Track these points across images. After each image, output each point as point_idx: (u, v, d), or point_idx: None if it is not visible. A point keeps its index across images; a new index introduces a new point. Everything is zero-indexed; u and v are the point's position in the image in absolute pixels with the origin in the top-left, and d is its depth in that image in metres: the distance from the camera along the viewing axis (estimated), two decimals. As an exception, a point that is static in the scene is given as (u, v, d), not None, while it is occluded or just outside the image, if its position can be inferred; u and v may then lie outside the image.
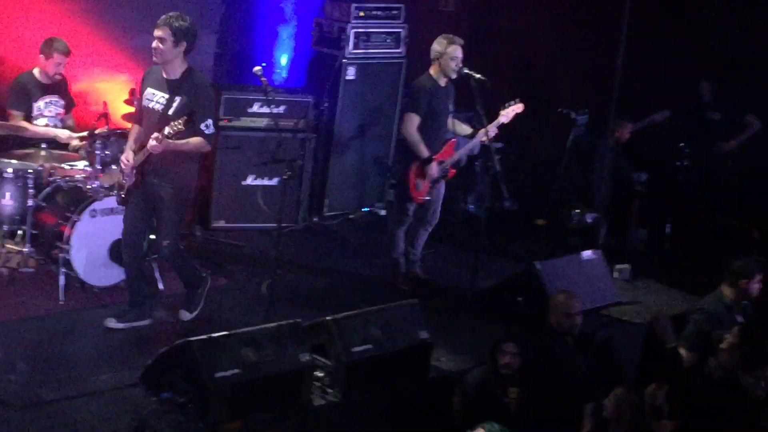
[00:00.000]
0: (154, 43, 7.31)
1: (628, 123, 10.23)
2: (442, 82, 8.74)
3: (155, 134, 7.12)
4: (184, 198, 7.60)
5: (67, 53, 8.72)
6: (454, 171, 9.02)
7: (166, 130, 7.09)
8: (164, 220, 7.57)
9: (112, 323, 7.66)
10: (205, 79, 7.82)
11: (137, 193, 7.53)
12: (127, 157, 7.45)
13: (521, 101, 8.86)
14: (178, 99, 7.30)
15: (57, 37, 8.73)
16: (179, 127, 7.07)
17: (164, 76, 7.39)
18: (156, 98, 7.39)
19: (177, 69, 7.38)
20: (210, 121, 7.40)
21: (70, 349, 7.44)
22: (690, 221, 10.36)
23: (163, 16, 7.34)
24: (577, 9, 11.39)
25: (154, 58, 7.36)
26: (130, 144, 7.54)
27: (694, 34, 10.83)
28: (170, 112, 7.29)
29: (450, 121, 8.94)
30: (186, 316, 7.91)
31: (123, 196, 7.64)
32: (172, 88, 7.34)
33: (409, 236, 9.12)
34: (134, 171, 7.42)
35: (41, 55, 8.67)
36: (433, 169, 8.70)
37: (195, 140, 7.31)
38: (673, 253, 10.28)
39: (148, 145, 7.17)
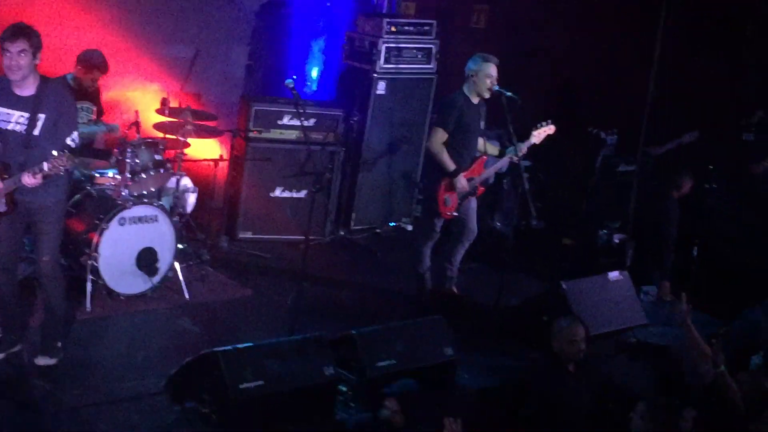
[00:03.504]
0: (11, 58, 6.49)
1: (689, 177, 10.01)
2: (474, 99, 8.73)
3: (32, 171, 6.49)
4: (62, 211, 7.11)
5: (105, 70, 8.82)
6: (483, 189, 9.01)
7: (45, 166, 6.42)
8: (45, 236, 6.97)
9: None
10: (61, 85, 7.22)
11: (8, 216, 6.87)
12: None
13: (552, 122, 8.86)
14: (41, 117, 6.65)
15: (96, 51, 8.81)
16: (61, 163, 6.42)
17: (17, 92, 6.65)
18: (14, 118, 6.66)
19: (32, 84, 6.65)
20: (75, 134, 6.72)
21: (95, 356, 7.43)
22: (718, 244, 10.29)
23: (14, 28, 6.54)
24: (610, 29, 11.37)
25: (12, 75, 6.56)
26: None
27: (725, 54, 10.79)
28: (35, 132, 6.66)
29: (481, 140, 8.93)
30: (47, 360, 7.17)
31: None
32: (31, 105, 6.65)
33: (446, 253, 9.10)
34: (5, 198, 6.72)
35: (79, 66, 8.75)
36: (461, 182, 8.69)
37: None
38: (700, 276, 10.12)
39: (23, 180, 6.52)
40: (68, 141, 6.67)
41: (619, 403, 6.94)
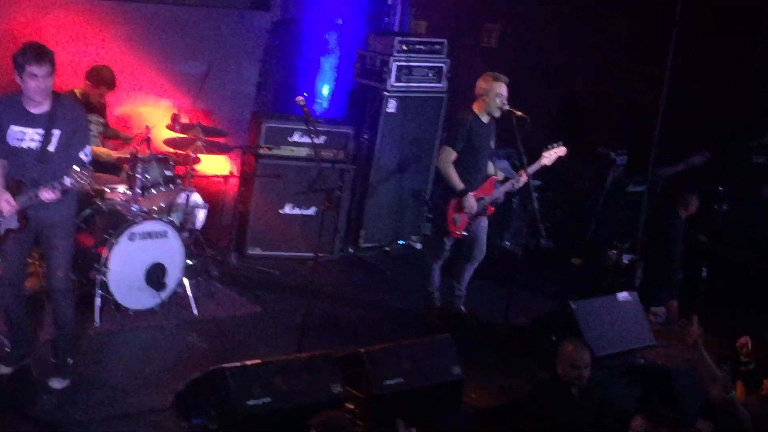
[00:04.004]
0: (39, 82, 6.55)
1: (696, 197, 10.02)
2: (485, 119, 8.73)
3: (51, 186, 6.55)
4: (72, 225, 7.16)
5: (113, 86, 8.85)
6: (493, 209, 9.00)
7: (68, 181, 6.50)
8: (56, 250, 6.99)
9: (2, 369, 7.14)
10: (72, 101, 7.35)
11: (16, 233, 6.90)
12: (8, 200, 6.68)
13: (563, 143, 8.87)
14: (56, 133, 6.70)
15: (105, 67, 8.85)
16: (84, 178, 6.51)
17: (31, 110, 6.69)
18: (28, 136, 6.70)
19: (46, 101, 6.70)
20: (88, 148, 6.83)
21: (103, 372, 7.41)
22: (727, 266, 10.31)
23: (38, 51, 6.58)
24: (620, 49, 11.40)
25: (37, 97, 6.61)
26: (3, 185, 6.73)
27: (736, 76, 10.82)
28: (50, 148, 6.71)
29: (491, 164, 8.95)
30: (60, 383, 7.13)
31: (0, 236, 6.87)
32: (46, 121, 6.70)
33: (454, 272, 9.11)
34: (17, 215, 6.75)
35: (87, 81, 8.80)
36: (470, 202, 8.68)
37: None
38: (709, 297, 10.22)
39: (42, 195, 6.57)
40: (81, 155, 6.73)
41: (619, 424, 6.92)
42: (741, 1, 10.82)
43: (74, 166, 6.53)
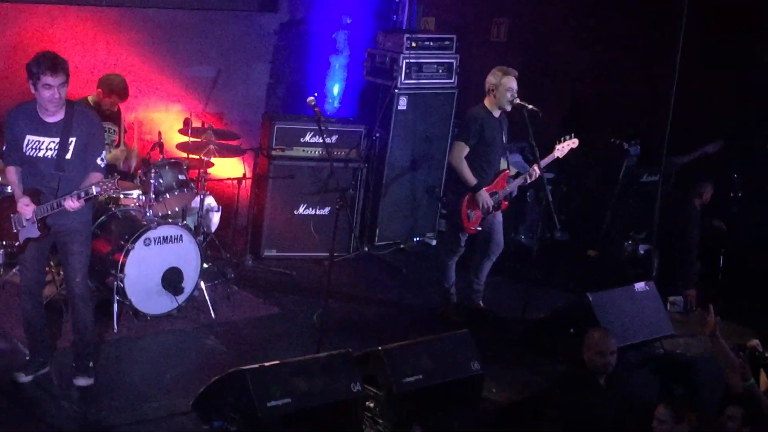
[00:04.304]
0: (53, 92, 6.62)
1: (710, 185, 10.07)
2: (496, 113, 8.73)
3: (76, 195, 6.62)
4: (89, 231, 7.19)
5: (125, 96, 8.87)
6: (506, 203, 8.99)
7: (94, 190, 6.59)
8: (75, 256, 7.04)
9: (22, 378, 7.15)
10: (86, 107, 7.43)
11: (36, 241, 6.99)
12: (28, 203, 6.78)
13: (576, 136, 8.86)
14: (72, 140, 6.78)
15: (118, 77, 8.86)
16: (112, 187, 6.62)
17: (46, 119, 6.77)
18: (44, 145, 6.77)
19: (61, 110, 6.78)
20: (104, 153, 6.97)
21: (123, 377, 7.45)
22: (743, 253, 10.28)
23: (54, 61, 6.65)
24: (630, 39, 11.34)
25: (51, 107, 6.69)
26: (21, 191, 6.83)
27: (750, 64, 10.74)
28: (68, 156, 6.80)
29: (503, 161, 8.93)
30: (86, 381, 7.21)
31: (20, 244, 6.98)
32: (61, 130, 6.77)
33: (473, 266, 9.12)
34: (36, 223, 6.83)
35: (99, 89, 8.82)
36: (484, 197, 8.68)
37: (95, 177, 6.81)
38: (726, 285, 10.19)
39: (67, 204, 6.65)
40: (98, 161, 6.87)
41: (643, 415, 6.93)
42: None
43: (97, 173, 6.71)
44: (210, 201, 9.31)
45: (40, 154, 6.79)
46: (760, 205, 10.47)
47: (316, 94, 8.74)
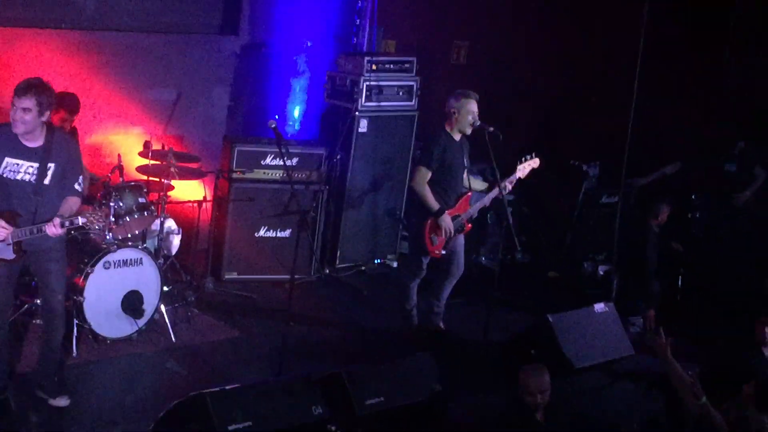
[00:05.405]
0: (18, 114, 6.71)
1: (666, 206, 10.16)
2: (456, 136, 8.78)
3: (60, 222, 6.65)
4: (64, 248, 7.24)
5: (73, 109, 8.75)
6: (470, 225, 9.03)
7: (80, 220, 6.66)
8: (53, 275, 7.15)
9: None
10: (65, 134, 7.49)
11: (8, 264, 6.98)
12: (3, 225, 6.77)
13: (536, 156, 8.92)
14: (51, 166, 6.88)
15: (68, 93, 8.77)
16: (98, 218, 6.72)
17: (26, 143, 6.83)
18: (23, 168, 6.85)
19: (39, 136, 6.85)
20: (81, 177, 7.07)
21: (83, 402, 7.43)
22: (702, 273, 10.40)
23: (25, 85, 6.76)
24: (590, 62, 11.52)
25: (15, 129, 6.76)
26: None
27: (707, 85, 10.95)
28: (46, 181, 6.88)
29: (465, 176, 8.95)
30: (65, 401, 7.29)
31: None
32: (40, 155, 6.87)
33: (434, 289, 9.14)
34: (12, 246, 6.83)
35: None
36: (447, 222, 8.70)
37: (73, 202, 6.95)
38: (685, 305, 10.31)
39: (49, 231, 6.68)
40: (76, 186, 6.97)
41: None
42: (709, 15, 10.94)
43: (74, 197, 6.90)
44: (170, 224, 9.28)
45: (18, 177, 6.84)
46: (718, 224, 10.61)
47: (276, 117, 8.85)
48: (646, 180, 10.76)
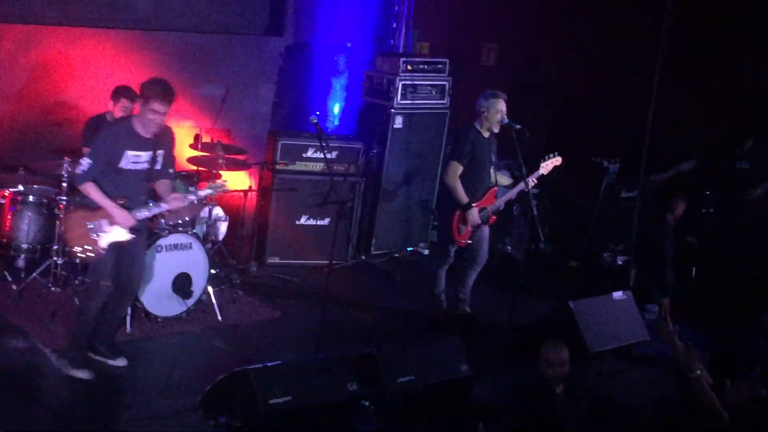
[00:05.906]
0: (157, 117, 7.22)
1: (682, 201, 10.26)
2: (485, 133, 8.95)
3: (182, 197, 7.45)
4: None
5: (132, 99, 8.93)
6: (494, 217, 9.19)
7: (196, 197, 7.56)
8: (140, 256, 7.67)
9: (82, 373, 7.46)
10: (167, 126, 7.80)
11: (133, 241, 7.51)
12: (131, 220, 7.35)
13: (559, 154, 9.07)
14: (160, 153, 7.39)
15: (125, 86, 8.92)
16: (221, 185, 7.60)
17: (142, 134, 7.31)
18: (141, 159, 7.34)
19: None
20: (174, 162, 7.68)
21: (134, 375, 7.60)
22: (715, 266, 10.40)
23: (167, 90, 7.27)
24: (611, 64, 11.52)
25: (153, 129, 7.28)
26: (112, 202, 7.30)
27: (723, 85, 10.95)
28: (157, 167, 7.41)
29: (492, 171, 9.13)
30: (123, 361, 7.72)
31: (100, 249, 7.42)
32: (152, 144, 7.34)
33: (459, 276, 9.26)
34: (129, 229, 7.38)
35: (111, 101, 8.84)
36: (474, 215, 8.91)
37: (168, 185, 7.57)
38: (698, 295, 10.31)
39: (172, 204, 7.43)
40: (170, 171, 7.58)
41: (624, 416, 7.07)
42: (730, 17, 10.95)
43: (167, 180, 7.50)
44: (218, 211, 9.44)
45: (138, 167, 7.32)
46: (730, 220, 10.53)
47: (318, 113, 8.89)
48: (664, 176, 10.79)
